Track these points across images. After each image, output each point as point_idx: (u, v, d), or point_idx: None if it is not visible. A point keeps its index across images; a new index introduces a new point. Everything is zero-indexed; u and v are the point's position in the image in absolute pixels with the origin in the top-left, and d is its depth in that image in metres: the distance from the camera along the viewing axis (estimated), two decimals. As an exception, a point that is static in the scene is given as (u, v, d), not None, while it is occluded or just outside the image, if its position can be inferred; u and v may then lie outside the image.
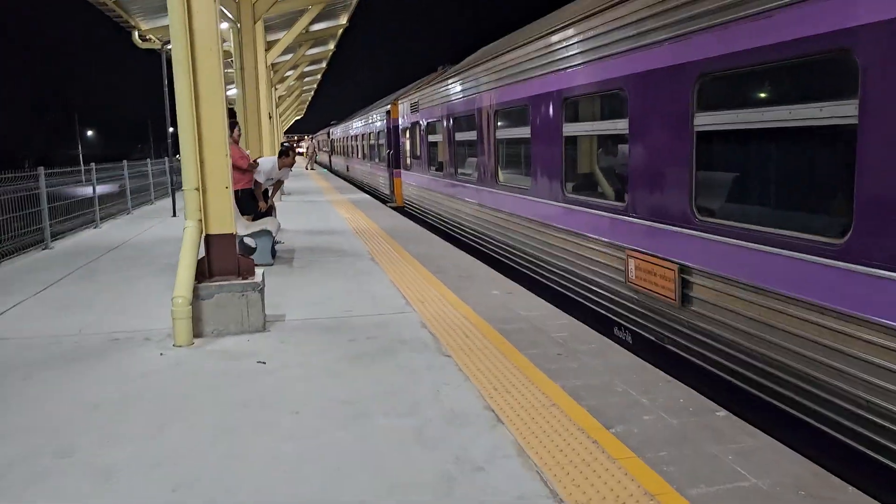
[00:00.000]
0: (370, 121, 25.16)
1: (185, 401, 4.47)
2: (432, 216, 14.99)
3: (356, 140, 31.05)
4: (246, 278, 6.16)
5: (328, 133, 51.88)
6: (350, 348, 5.53)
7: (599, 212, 6.80)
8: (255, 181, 10.68)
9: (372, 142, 25.03)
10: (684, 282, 5.36)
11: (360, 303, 7.11)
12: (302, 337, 5.90)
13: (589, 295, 7.12)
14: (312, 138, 71.85)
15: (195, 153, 5.93)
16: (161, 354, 5.48)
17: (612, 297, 6.57)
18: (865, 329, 3.74)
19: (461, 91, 11.82)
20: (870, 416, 3.74)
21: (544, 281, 8.34)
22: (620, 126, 6.35)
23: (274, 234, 9.57)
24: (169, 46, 6.00)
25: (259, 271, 6.37)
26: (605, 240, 6.67)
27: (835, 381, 3.96)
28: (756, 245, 4.53)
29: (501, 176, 10.04)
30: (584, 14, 6.92)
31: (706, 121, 5.06)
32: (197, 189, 5.99)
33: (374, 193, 23.96)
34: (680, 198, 5.38)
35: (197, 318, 5.92)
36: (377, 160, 23.65)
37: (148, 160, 21.44)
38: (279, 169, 11.01)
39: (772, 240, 4.39)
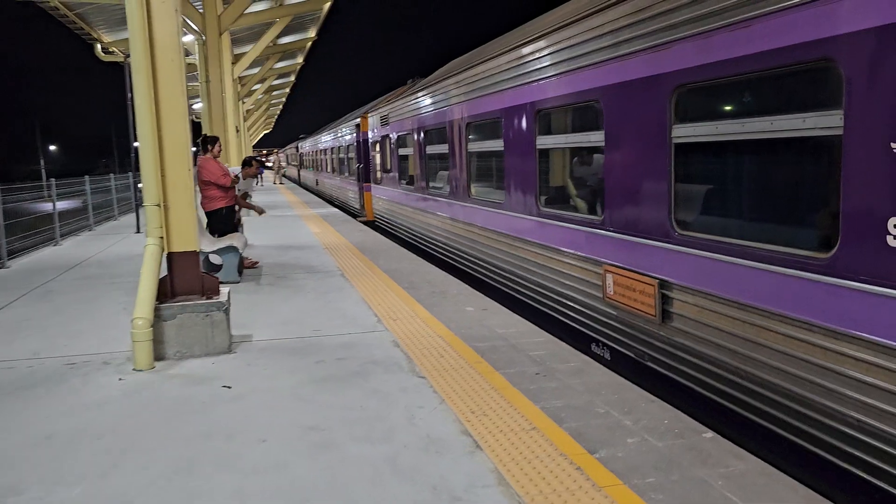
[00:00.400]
0: (340, 134, 25.04)
1: (145, 432, 4.20)
2: (403, 231, 14.79)
3: (326, 154, 30.76)
4: (210, 298, 5.90)
5: (297, 147, 51.47)
6: (319, 370, 5.30)
7: (575, 226, 6.66)
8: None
9: (342, 155, 24.84)
10: (664, 297, 5.21)
11: (329, 321, 6.88)
12: (269, 359, 5.65)
13: (565, 311, 6.95)
14: (278, 152, 71.39)
15: (156, 168, 5.68)
16: (120, 380, 5.19)
17: (590, 312, 6.39)
18: (854, 346, 3.63)
19: (432, 104, 11.64)
20: (861, 437, 3.62)
21: (519, 297, 8.16)
22: (595, 138, 6.22)
23: (241, 251, 9.30)
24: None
25: (225, 290, 6.12)
26: (581, 254, 6.51)
27: (824, 399, 3.83)
28: (738, 259, 4.41)
29: (474, 190, 9.89)
30: (557, 25, 6.82)
31: (684, 132, 4.94)
32: (158, 205, 5.73)
33: (343, 208, 23.72)
34: (658, 211, 5.26)
35: (159, 340, 5.64)
36: (347, 174, 23.40)
37: (111, 175, 20.92)
38: (243, 179, 10.87)
39: (754, 254, 4.28)
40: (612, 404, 4.46)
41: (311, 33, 26.41)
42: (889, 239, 3.38)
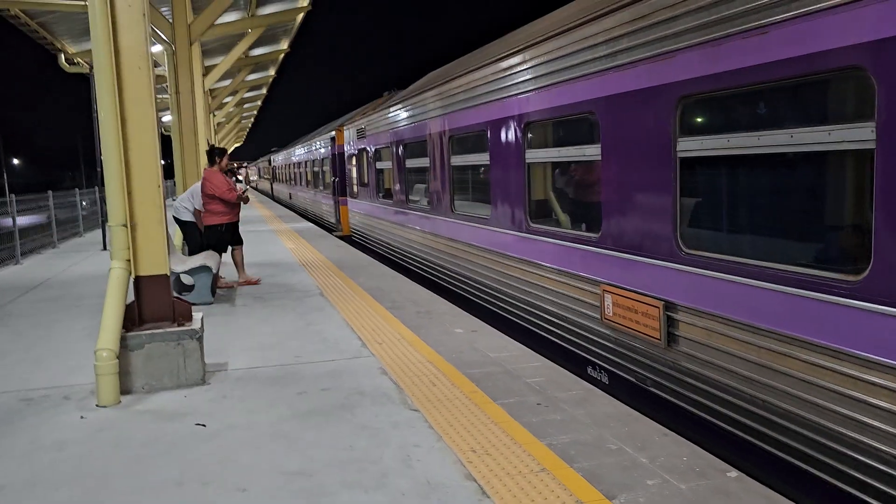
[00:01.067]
0: (314, 147, 24.65)
1: (108, 481, 3.75)
2: (382, 246, 14.41)
3: (300, 167, 30.32)
4: (182, 324, 5.46)
5: (269, 160, 50.92)
6: (302, 403, 4.89)
7: (568, 243, 6.35)
8: (197, 211, 9.96)
9: (316, 169, 24.47)
10: (670, 320, 4.88)
11: (310, 346, 6.46)
12: (246, 390, 5.22)
13: (558, 332, 6.62)
14: (247, 166, 70.75)
15: (122, 184, 5.24)
16: (82, 418, 4.72)
17: (586, 334, 6.06)
18: (884, 374, 3.32)
19: (412, 116, 11.27)
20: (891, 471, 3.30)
21: (507, 315, 7.83)
22: (591, 152, 5.90)
23: (214, 270, 8.83)
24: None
25: (198, 315, 5.68)
26: (577, 273, 6.17)
27: (849, 430, 3.53)
28: (752, 281, 4.09)
29: (457, 204, 9.55)
30: (549, 34, 6.50)
31: (690, 146, 4.63)
32: (125, 225, 5.29)
33: (318, 222, 23.31)
34: (662, 229, 4.94)
35: (125, 371, 5.18)
36: (322, 188, 22.97)
37: (76, 189, 20.21)
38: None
39: (772, 276, 3.95)
40: (623, 439, 4.11)
41: (284, 45, 25.94)
42: None
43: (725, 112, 4.58)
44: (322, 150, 22.40)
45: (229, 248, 9.86)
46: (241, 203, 9.70)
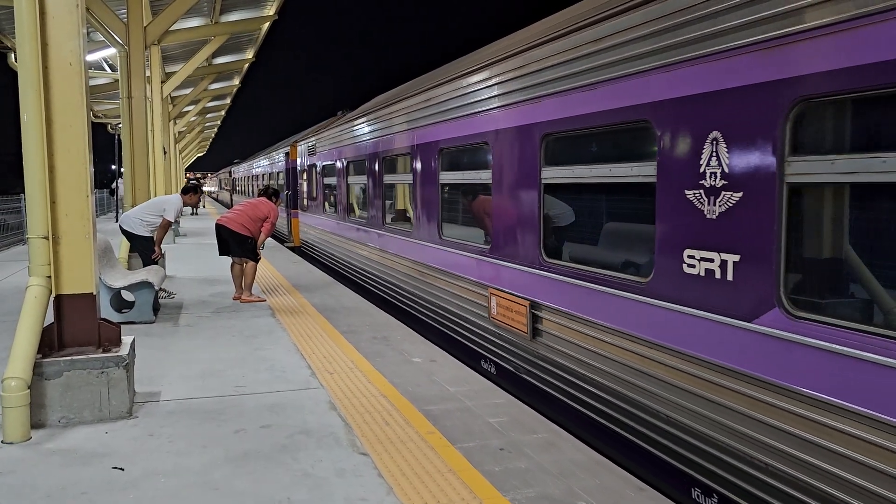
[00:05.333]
0: (271, 161, 25.12)
1: (-3, 539, 3.20)
2: (325, 256, 15.28)
3: (257, 180, 30.07)
4: (108, 350, 4.90)
5: (230, 172, 50.24)
6: (238, 443, 4.37)
7: (468, 254, 7.20)
8: (165, 222, 9.39)
9: (272, 182, 24.79)
10: (534, 316, 5.78)
11: (255, 374, 5.93)
12: (177, 426, 4.68)
13: (460, 330, 7.47)
14: (200, 177, 69.84)
15: (44, 192, 4.69)
16: (-18, 456, 4.14)
17: (479, 332, 6.95)
18: (669, 355, 4.21)
19: (354, 137, 12.06)
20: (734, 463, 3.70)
21: (414, 312, 8.91)
22: (485, 176, 6.75)
23: (157, 286, 8.23)
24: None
25: (127, 340, 5.13)
26: (473, 279, 7.05)
27: (666, 409, 4.26)
28: (587, 284, 5.05)
29: (388, 218, 10.42)
30: (455, 75, 7.45)
31: (551, 174, 5.58)
32: (46, 238, 4.73)
33: (273, 234, 23.01)
34: (531, 241, 5.84)
35: (39, 403, 4.61)
36: (276, 201, 22.72)
37: (22, 195, 19.29)
38: (183, 206, 9.81)
39: (598, 279, 4.93)
40: (595, 494, 3.69)
41: (249, 55, 25.36)
42: (684, 267, 4.04)
43: (572, 147, 5.51)
44: (278, 165, 22.95)
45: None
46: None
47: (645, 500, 3.65)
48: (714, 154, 3.78)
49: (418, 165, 8.58)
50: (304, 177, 17.99)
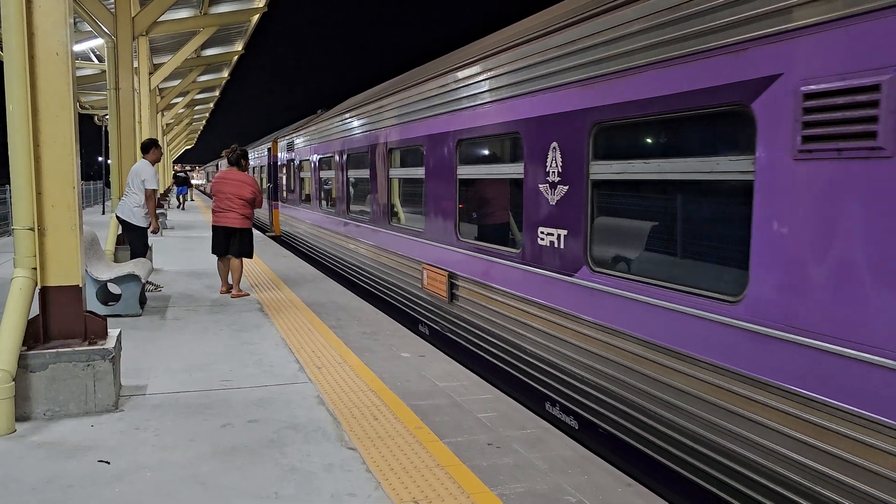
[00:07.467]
0: (256, 156, 25.95)
1: (-20, 533, 3.17)
2: (301, 243, 16.89)
3: None
4: (94, 343, 4.86)
5: (217, 165, 50.20)
6: (226, 438, 4.35)
7: (408, 236, 8.70)
8: (149, 192, 9.16)
9: (255, 176, 25.65)
10: (452, 284, 7.26)
11: (242, 368, 5.91)
12: (164, 420, 4.65)
13: (400, 299, 9.03)
14: (197, 170, 69.45)
15: (30, 183, 4.64)
16: (-35, 449, 4.09)
17: (415, 300, 8.42)
18: (532, 306, 5.68)
19: (324, 136, 13.63)
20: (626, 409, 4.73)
21: (371, 289, 10.53)
22: (419, 172, 8.20)
23: (144, 279, 8.17)
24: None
25: (114, 332, 5.09)
26: (412, 257, 8.51)
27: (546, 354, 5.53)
28: (485, 256, 6.53)
29: (353, 208, 11.83)
30: (389, 91, 9.49)
31: (462, 171, 7.13)
32: (31, 229, 4.68)
33: (255, 224, 23.57)
34: (450, 225, 7.35)
35: (24, 395, 4.57)
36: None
37: (7, 186, 19.09)
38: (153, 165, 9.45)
39: (492, 253, 6.40)
40: (583, 489, 3.70)
41: (238, 47, 25.17)
42: (538, 240, 5.53)
43: (475, 150, 7.02)
44: (262, 159, 24.27)
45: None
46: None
47: (632, 495, 3.67)
48: (554, 158, 5.27)
49: (373, 162, 10.05)
50: (284, 171, 19.45)
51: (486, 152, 6.93)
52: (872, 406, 2.87)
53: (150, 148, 9.57)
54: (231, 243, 9.25)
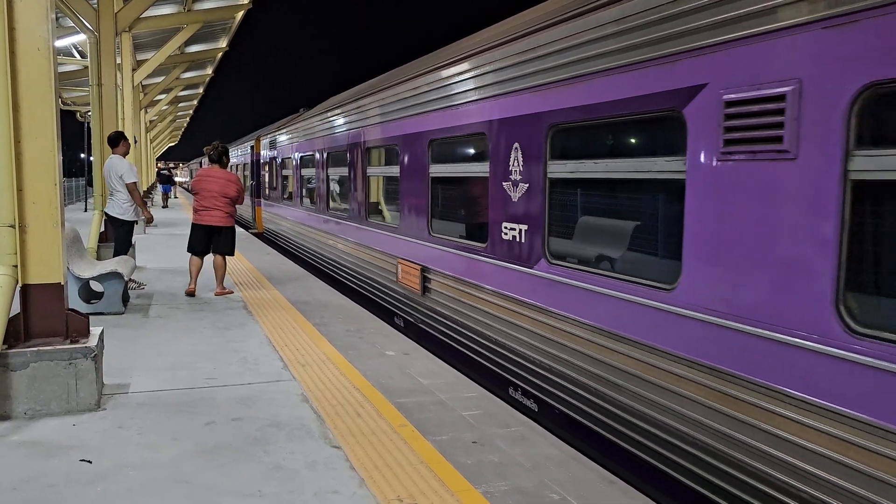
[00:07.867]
0: (239, 154, 26.28)
1: (-40, 533, 3.14)
2: (284, 240, 17.30)
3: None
4: (76, 341, 4.82)
5: (200, 163, 50.07)
6: (209, 436, 4.33)
7: (384, 232, 9.09)
8: (130, 185, 9.08)
9: (239, 173, 26.00)
10: (425, 277, 7.60)
11: (226, 366, 5.89)
12: (147, 419, 4.62)
13: (376, 293, 9.38)
14: (181, 167, 69.08)
15: (11, 179, 4.59)
16: (-55, 449, 4.05)
17: (390, 293, 8.76)
18: (497, 297, 6.04)
19: (304, 134, 14.14)
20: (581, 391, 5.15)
21: (350, 284, 10.88)
22: (395, 171, 8.60)
23: (126, 277, 8.12)
24: None
25: (96, 331, 5.05)
26: (387, 252, 8.91)
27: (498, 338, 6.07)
28: (454, 251, 6.89)
29: (331, 204, 12.23)
30: (358, 96, 10.18)
31: (434, 170, 7.48)
32: (12, 226, 4.64)
33: (239, 221, 24.42)
34: (423, 221, 7.73)
35: (4, 394, 4.53)
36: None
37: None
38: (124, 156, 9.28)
39: (461, 247, 6.75)
40: (566, 487, 3.73)
41: (223, 44, 25.01)
42: (502, 235, 5.87)
43: (448, 149, 7.29)
44: (245, 157, 24.47)
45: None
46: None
47: (615, 492, 3.70)
48: (516, 158, 5.59)
49: (352, 161, 10.47)
50: (267, 169, 19.96)
51: (456, 152, 7.29)
52: (779, 378, 3.27)
53: (118, 141, 9.30)
54: (215, 242, 9.20)
